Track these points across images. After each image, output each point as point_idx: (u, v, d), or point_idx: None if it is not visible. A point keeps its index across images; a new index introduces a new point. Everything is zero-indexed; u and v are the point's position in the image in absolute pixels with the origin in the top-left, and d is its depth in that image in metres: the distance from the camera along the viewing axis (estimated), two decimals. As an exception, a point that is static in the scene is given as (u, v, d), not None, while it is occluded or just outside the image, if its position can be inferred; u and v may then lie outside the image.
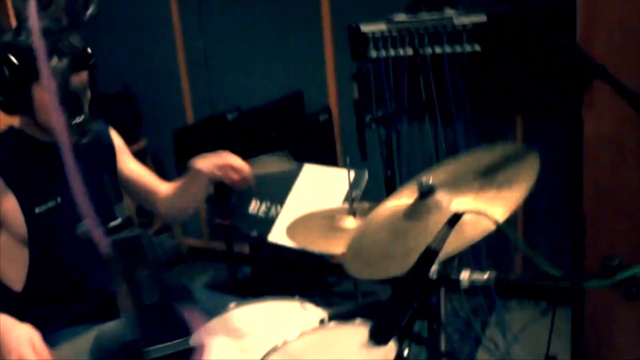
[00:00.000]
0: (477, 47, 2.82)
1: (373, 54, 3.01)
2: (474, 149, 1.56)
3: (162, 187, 1.96)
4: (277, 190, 2.54)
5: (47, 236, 1.66)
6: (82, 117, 1.65)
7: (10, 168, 1.61)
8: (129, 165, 1.91)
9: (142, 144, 3.75)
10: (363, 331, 1.38)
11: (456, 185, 1.44)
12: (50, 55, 1.51)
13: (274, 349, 1.46)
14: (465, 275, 1.21)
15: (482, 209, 1.27)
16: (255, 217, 2.53)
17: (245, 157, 2.80)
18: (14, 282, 1.66)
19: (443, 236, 1.16)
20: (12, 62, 1.53)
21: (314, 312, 1.67)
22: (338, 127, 3.41)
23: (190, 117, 3.79)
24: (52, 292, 1.69)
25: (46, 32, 1.54)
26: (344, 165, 2.20)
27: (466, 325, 2.99)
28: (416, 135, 3.15)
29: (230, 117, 3.35)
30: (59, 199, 1.67)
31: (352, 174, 2.50)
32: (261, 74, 3.56)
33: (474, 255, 3.07)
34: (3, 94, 1.56)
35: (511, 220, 2.24)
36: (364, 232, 1.55)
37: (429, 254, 1.17)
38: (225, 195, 2.69)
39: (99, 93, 1.77)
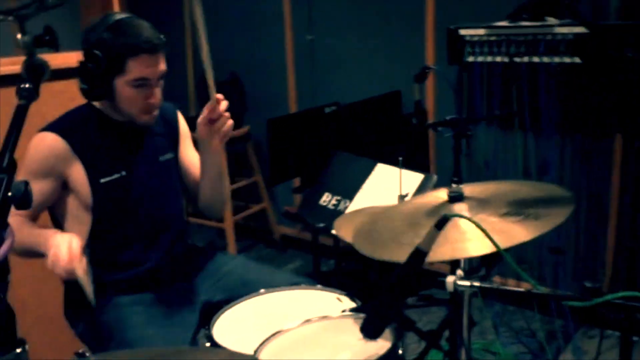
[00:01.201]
0: (577, 59, 2.69)
1: (469, 58, 2.96)
2: (567, 165, 1.54)
3: None
4: (349, 185, 2.58)
5: (110, 206, 1.79)
6: (156, 103, 1.78)
7: (82, 139, 1.76)
8: (188, 151, 2.02)
9: (244, 129, 3.91)
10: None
11: (486, 203, 1.44)
12: (131, 48, 1.66)
13: (275, 334, 1.50)
14: (450, 279, 1.19)
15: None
16: (324, 209, 2.58)
17: (335, 150, 2.86)
18: (75, 242, 1.79)
19: (431, 238, 1.16)
20: (98, 57, 1.67)
21: (347, 305, 1.68)
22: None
23: (292, 108, 3.90)
24: (107, 258, 1.83)
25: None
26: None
27: (540, 348, 2.88)
28: (501, 143, 3.06)
29: (327, 110, 3.42)
30: (123, 172, 1.80)
31: (421, 177, 2.49)
32: (363, 71, 3.61)
33: (559, 266, 2.95)
34: (88, 83, 1.71)
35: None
36: (383, 215, 1.57)
37: (418, 254, 1.17)
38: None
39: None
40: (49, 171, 1.74)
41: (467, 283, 1.18)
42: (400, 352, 1.36)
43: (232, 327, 1.64)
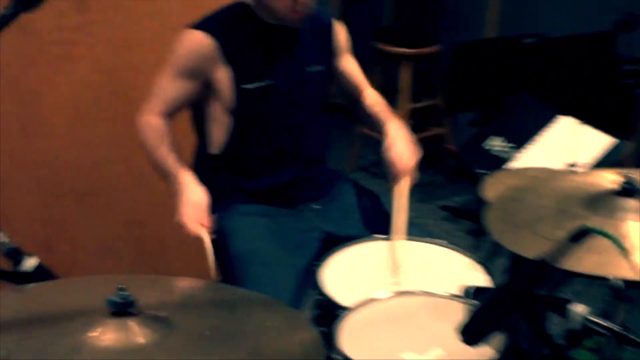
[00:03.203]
0: None
1: None
2: None
3: (368, 92, 1.97)
4: (524, 133, 2.34)
5: (252, 113, 1.77)
6: (306, 2, 1.66)
7: (231, 41, 1.73)
8: (346, 61, 1.93)
9: (435, 48, 3.67)
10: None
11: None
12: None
13: (365, 303, 1.39)
14: (578, 308, 0.98)
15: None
16: (489, 153, 2.37)
17: (520, 89, 2.59)
18: (215, 145, 1.82)
19: (561, 250, 0.96)
20: None
21: (478, 277, 1.52)
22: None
23: (490, 33, 3.58)
24: (245, 164, 1.82)
25: None
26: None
27: None
28: None
29: (527, 41, 3.10)
30: (269, 80, 1.75)
31: (608, 141, 2.18)
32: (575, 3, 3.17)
33: None
34: None
35: None
36: (536, 186, 1.36)
37: (541, 267, 0.98)
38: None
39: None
40: (193, 71, 1.73)
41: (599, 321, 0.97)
42: None
43: (343, 270, 1.58)
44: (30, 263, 1.35)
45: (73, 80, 2.22)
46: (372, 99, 1.95)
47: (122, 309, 1.05)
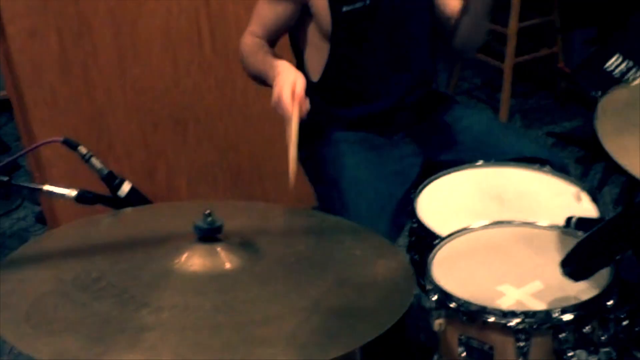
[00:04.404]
0: None
1: None
2: None
3: None
4: (646, 52, 2.15)
5: (349, 36, 1.72)
6: None
7: None
8: None
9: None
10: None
11: None
12: None
13: (460, 232, 1.34)
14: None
15: None
16: (606, 74, 2.21)
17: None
18: (313, 72, 1.79)
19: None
20: None
21: (585, 207, 1.43)
22: None
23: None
24: (344, 90, 1.78)
25: None
26: None
27: None
28: None
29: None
30: (367, 1, 1.68)
31: None
32: None
33: None
34: None
35: None
36: None
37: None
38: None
39: None
40: None
41: None
42: (610, 303, 1.10)
43: (439, 197, 1.54)
44: (124, 188, 1.39)
45: (167, 7, 2.24)
46: None
47: (209, 234, 1.07)
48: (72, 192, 1.34)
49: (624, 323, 1.15)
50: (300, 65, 1.81)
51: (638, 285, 1.49)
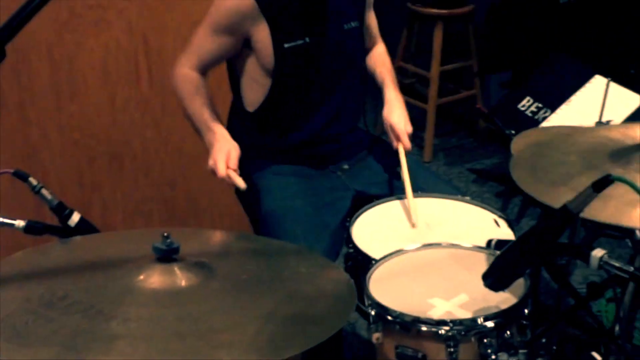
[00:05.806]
0: None
1: None
2: None
3: (378, 48, 2.08)
4: (556, 93, 2.40)
5: (291, 72, 1.84)
6: None
7: (270, 0, 1.77)
8: (370, 16, 2.01)
9: (468, 8, 3.71)
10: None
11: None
12: None
13: (395, 254, 1.50)
14: (597, 253, 1.08)
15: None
16: (520, 114, 2.44)
17: (554, 49, 2.63)
18: (249, 103, 1.90)
19: (585, 199, 1.05)
20: None
21: (504, 232, 1.62)
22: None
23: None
24: (280, 123, 1.91)
25: None
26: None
27: None
28: None
29: (563, 0, 3.14)
30: (307, 39, 1.81)
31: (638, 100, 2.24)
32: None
33: None
34: None
35: None
36: (551, 145, 1.45)
37: (565, 215, 1.07)
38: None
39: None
40: (232, 28, 1.78)
41: (616, 264, 1.07)
42: (526, 311, 1.29)
43: (372, 226, 1.69)
44: (74, 218, 1.47)
45: (106, 44, 2.32)
46: (380, 57, 2.04)
47: (167, 255, 1.18)
48: (21, 223, 1.42)
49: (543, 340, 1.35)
50: (236, 92, 1.92)
51: (552, 307, 1.68)
